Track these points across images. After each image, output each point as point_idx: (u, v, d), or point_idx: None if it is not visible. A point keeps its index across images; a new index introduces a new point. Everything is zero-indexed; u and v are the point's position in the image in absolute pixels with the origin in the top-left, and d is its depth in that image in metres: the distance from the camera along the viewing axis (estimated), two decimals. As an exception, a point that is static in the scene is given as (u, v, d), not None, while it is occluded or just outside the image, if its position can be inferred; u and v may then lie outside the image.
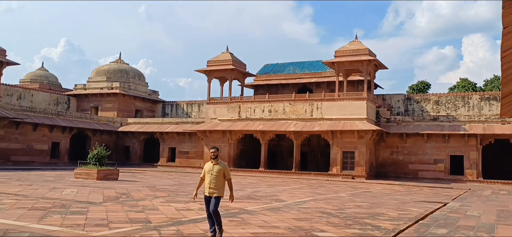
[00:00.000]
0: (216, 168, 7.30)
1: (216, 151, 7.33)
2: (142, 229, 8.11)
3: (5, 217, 8.79)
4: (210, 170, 7.31)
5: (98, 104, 43.06)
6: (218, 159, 7.39)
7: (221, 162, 7.35)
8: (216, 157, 7.34)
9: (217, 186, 7.22)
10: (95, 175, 20.64)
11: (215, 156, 7.34)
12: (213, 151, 7.32)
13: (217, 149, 7.38)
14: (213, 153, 7.33)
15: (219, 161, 7.37)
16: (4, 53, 31.51)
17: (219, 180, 7.25)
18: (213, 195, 7.18)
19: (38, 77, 48.04)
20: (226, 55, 36.21)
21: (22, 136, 32.76)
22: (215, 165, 7.32)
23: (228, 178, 7.34)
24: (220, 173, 7.27)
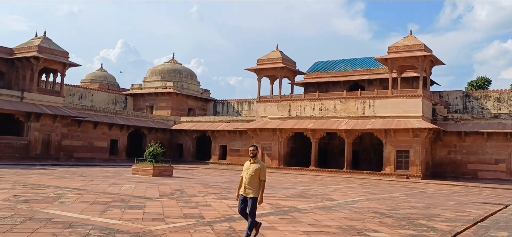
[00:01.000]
0: (253, 167, 7.03)
1: (255, 149, 7.08)
2: (196, 224, 8.36)
3: (70, 211, 9.38)
4: (247, 169, 7.07)
5: (153, 103, 44.61)
6: (257, 158, 7.11)
7: (259, 162, 7.07)
8: (255, 155, 7.06)
9: (252, 186, 6.95)
10: (151, 171, 21.43)
11: (253, 155, 7.06)
12: (251, 149, 7.09)
13: (256, 147, 7.16)
14: (251, 152, 7.09)
15: (257, 160, 7.09)
16: (67, 55, 33.40)
17: (255, 180, 6.96)
18: (248, 196, 6.93)
19: (98, 77, 50.54)
20: (276, 53, 36.29)
21: (84, 133, 34.62)
22: (252, 164, 7.06)
23: (262, 179, 6.99)
24: (256, 172, 6.97)
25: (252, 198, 6.91)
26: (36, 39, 32.42)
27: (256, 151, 7.09)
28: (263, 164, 7.08)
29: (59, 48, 32.85)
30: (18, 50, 31.88)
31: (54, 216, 8.57)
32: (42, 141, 30.99)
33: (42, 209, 9.35)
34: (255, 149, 7.10)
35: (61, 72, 33.15)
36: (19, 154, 29.48)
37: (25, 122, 30.22)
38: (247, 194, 6.95)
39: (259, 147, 34.74)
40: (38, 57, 30.62)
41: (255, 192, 6.94)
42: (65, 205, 10.25)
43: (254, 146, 7.13)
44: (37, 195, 11.81)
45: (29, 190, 13.06)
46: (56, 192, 12.69)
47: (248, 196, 6.93)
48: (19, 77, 31.65)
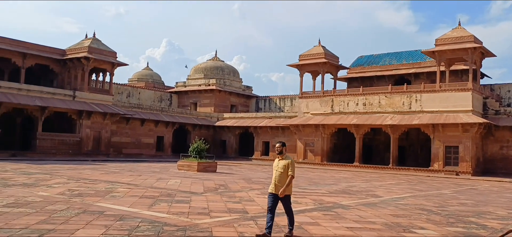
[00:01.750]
0: (281, 163, 6.81)
1: (281, 146, 6.87)
2: (240, 218, 8.51)
3: (120, 204, 9.79)
4: (276, 166, 6.86)
5: (197, 100, 45.47)
6: (284, 154, 6.89)
7: (287, 157, 6.87)
8: (281, 152, 6.85)
9: (282, 183, 6.71)
10: (196, 167, 21.91)
11: (279, 152, 6.86)
12: (277, 146, 6.89)
13: (283, 144, 6.93)
14: (277, 148, 6.89)
15: (286, 155, 6.89)
16: (115, 55, 34.67)
17: (284, 176, 6.73)
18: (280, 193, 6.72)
19: (144, 76, 52.12)
20: (318, 48, 35.97)
21: (132, 130, 35.84)
22: (280, 160, 6.85)
23: (290, 174, 6.72)
24: (285, 168, 6.75)
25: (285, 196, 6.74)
26: (86, 40, 33.86)
27: (281, 148, 6.87)
28: (292, 160, 6.88)
29: (108, 49, 34.15)
30: (70, 51, 33.43)
31: (106, 209, 8.99)
32: (93, 137, 32.38)
33: (95, 203, 9.82)
34: (280, 145, 6.88)
35: (109, 71, 34.46)
36: (72, 150, 30.96)
37: (77, 119, 31.69)
38: (278, 191, 6.73)
39: (301, 142, 34.67)
40: (88, 57, 31.97)
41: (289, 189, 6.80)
42: (115, 198, 10.70)
43: (280, 143, 6.91)
44: (90, 189, 12.39)
45: (82, 184, 13.73)
46: (107, 187, 13.27)
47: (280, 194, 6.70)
48: (71, 77, 33.19)
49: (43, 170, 18.61)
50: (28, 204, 9.16)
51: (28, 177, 15.36)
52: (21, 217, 7.59)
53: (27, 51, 30.89)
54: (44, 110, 29.33)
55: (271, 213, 6.70)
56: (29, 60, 31.18)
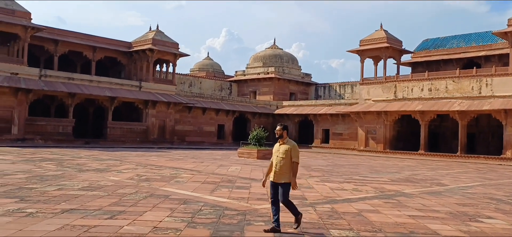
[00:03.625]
0: (282, 148, 6.11)
1: (281, 129, 6.14)
2: (298, 205, 8.52)
3: (184, 189, 10.23)
4: (277, 152, 6.16)
5: (256, 89, 45.88)
6: (285, 138, 6.16)
7: (290, 141, 6.15)
8: (281, 136, 6.15)
9: (283, 170, 6.05)
10: (256, 154, 22.25)
11: (279, 135, 6.17)
12: (278, 129, 6.17)
13: (284, 126, 6.19)
14: (277, 132, 6.18)
15: (287, 140, 6.16)
16: (177, 46, 35.83)
17: (286, 162, 6.04)
18: (280, 181, 6.05)
19: (205, 66, 53.38)
20: (380, 32, 34.87)
21: (194, 119, 36.99)
22: (281, 145, 6.15)
23: (294, 161, 6.06)
24: (286, 154, 6.05)
25: (284, 183, 6.04)
26: (150, 32, 35.27)
27: (282, 131, 6.15)
28: (295, 144, 6.17)
29: (170, 40, 35.35)
30: (135, 43, 35.00)
31: (171, 193, 9.43)
32: (158, 126, 33.82)
33: (161, 187, 10.33)
34: (281, 128, 6.16)
35: (172, 62, 35.70)
36: (139, 138, 32.55)
37: (143, 109, 33.22)
38: (278, 180, 6.07)
39: (363, 130, 33.94)
40: (153, 49, 33.31)
41: (288, 177, 6.07)
42: (180, 184, 11.18)
43: (280, 125, 6.18)
44: (156, 175, 13.03)
45: (149, 170, 14.46)
46: (171, 173, 13.88)
47: (280, 182, 6.05)
48: (137, 68, 34.79)
49: (114, 157, 19.78)
50: (101, 187, 9.83)
51: (100, 163, 16.42)
52: (95, 200, 8.17)
53: (97, 45, 32.79)
54: (113, 100, 31.03)
55: (275, 205, 6.13)
56: (99, 53, 33.07)
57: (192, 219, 6.78)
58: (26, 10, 27.98)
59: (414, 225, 7.06)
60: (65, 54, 31.74)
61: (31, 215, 6.59)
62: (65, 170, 13.31)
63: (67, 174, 12.25)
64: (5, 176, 11.10)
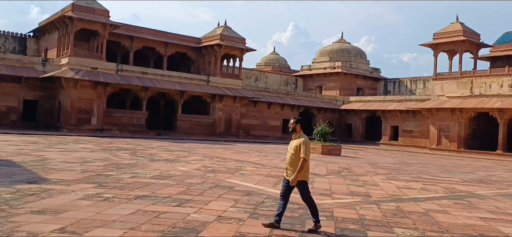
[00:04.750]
0: (294, 143, 5.83)
1: (295, 122, 5.83)
2: (362, 202, 8.47)
3: (248, 181, 10.48)
4: (289, 146, 5.94)
5: (322, 84, 45.41)
6: (299, 132, 5.84)
7: (301, 135, 5.82)
8: (294, 130, 5.85)
9: (294, 167, 5.77)
10: (320, 150, 22.11)
11: (292, 129, 5.87)
12: (291, 122, 5.88)
13: (297, 120, 5.86)
14: (290, 125, 5.89)
15: (299, 134, 5.83)
16: (244, 42, 36.41)
17: (295, 159, 5.75)
18: (289, 178, 5.81)
19: (271, 60, 53.73)
20: (456, 25, 33.00)
21: (259, 113, 37.46)
22: (293, 140, 5.89)
23: (302, 156, 5.67)
24: (296, 150, 5.75)
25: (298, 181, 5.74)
26: (218, 28, 36.16)
27: (295, 125, 5.83)
28: (306, 139, 5.77)
29: (237, 35, 36.00)
30: (204, 39, 36.08)
31: (235, 185, 9.71)
32: (225, 119, 34.68)
33: (225, 179, 10.66)
34: (294, 122, 5.85)
35: (239, 57, 36.36)
36: (207, 131, 33.60)
37: (210, 102, 34.22)
38: (289, 176, 5.80)
39: (435, 127, 32.43)
40: (220, 44, 34.14)
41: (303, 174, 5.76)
42: (244, 176, 11.47)
43: (294, 118, 5.89)
44: (221, 167, 13.45)
45: (215, 162, 14.94)
46: (236, 165, 14.24)
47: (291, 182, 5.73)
48: (206, 63, 35.86)
49: (182, 148, 20.64)
50: (170, 177, 10.35)
51: (170, 153, 17.23)
52: (164, 188, 8.65)
53: (169, 41, 34.25)
54: (183, 94, 32.28)
55: (283, 200, 5.86)
56: (170, 49, 34.52)
57: (254, 211, 6.96)
58: (105, 8, 29.88)
59: (485, 227, 6.72)
60: (139, 49, 33.50)
61: (107, 200, 7.13)
62: (138, 159, 14.14)
63: (140, 163, 13.01)
64: (86, 163, 12.03)
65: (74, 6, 28.44)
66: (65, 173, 9.81)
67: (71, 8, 28.39)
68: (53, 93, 28.78)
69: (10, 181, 8.34)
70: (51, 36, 31.95)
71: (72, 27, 28.20)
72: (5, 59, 27.69)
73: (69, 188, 7.98)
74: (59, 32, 29.96)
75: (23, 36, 34.22)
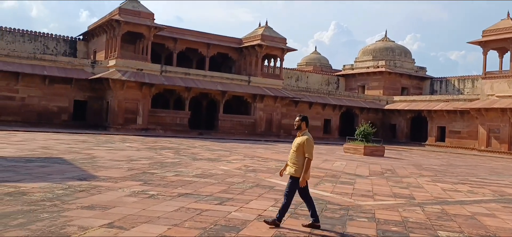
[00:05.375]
0: (296, 141, 5.90)
1: (300, 120, 5.89)
2: (405, 204, 8.30)
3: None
4: (293, 144, 6.01)
5: (365, 83, 44.61)
6: (303, 130, 5.89)
7: (305, 133, 5.86)
8: (299, 127, 5.91)
9: (294, 164, 5.85)
10: (362, 150, 21.76)
11: (297, 127, 5.93)
12: (296, 120, 5.95)
13: (303, 118, 5.93)
14: (295, 123, 5.95)
15: (303, 132, 5.89)
16: (285, 41, 36.39)
17: (298, 156, 5.81)
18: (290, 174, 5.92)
19: (312, 60, 53.37)
20: (507, 22, 31.48)
21: (300, 113, 37.21)
22: (297, 137, 5.97)
23: (306, 156, 5.74)
24: (298, 147, 5.80)
25: (291, 177, 5.88)
26: (259, 28, 36.34)
27: (300, 122, 5.91)
28: (309, 137, 5.83)
29: (278, 35, 36.03)
30: (245, 39, 36.37)
31: (275, 184, 9.77)
32: (266, 119, 34.81)
33: (266, 178, 10.74)
34: (299, 119, 5.93)
35: (280, 57, 36.37)
36: (248, 131, 33.85)
37: (251, 102, 34.45)
38: (290, 173, 5.93)
39: (484, 128, 31.13)
40: (261, 44, 34.30)
41: (297, 171, 5.82)
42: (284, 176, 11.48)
43: (299, 116, 5.98)
44: (262, 166, 13.54)
45: (256, 161, 15.06)
46: (277, 165, 14.29)
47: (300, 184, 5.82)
48: (247, 63, 36.13)
49: (224, 148, 20.92)
50: (212, 175, 10.55)
51: (211, 153, 17.52)
52: (206, 186, 8.84)
53: (211, 42, 34.79)
54: (224, 94, 32.70)
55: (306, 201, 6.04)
56: (212, 50, 35.06)
57: (295, 210, 6.99)
58: (150, 11, 30.76)
59: (537, 234, 6.41)
60: (182, 51, 34.24)
61: (152, 197, 7.39)
62: (181, 158, 14.49)
63: (183, 162, 13.33)
64: (132, 161, 12.48)
65: (121, 9, 29.48)
66: (112, 171, 10.22)
67: (118, 11, 29.45)
68: (101, 94, 29.97)
69: (62, 177, 8.80)
70: (99, 38, 33.29)
71: (119, 30, 29.24)
72: (57, 61, 29.14)
73: (116, 185, 8.32)
74: (107, 35, 31.16)
75: (74, 39, 35.84)
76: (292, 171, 5.89)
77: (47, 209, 6.03)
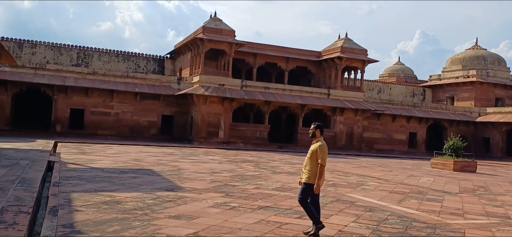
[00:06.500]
0: (311, 148, 6.04)
1: (314, 128, 6.05)
2: (499, 223, 7.68)
3: (370, 197, 10.21)
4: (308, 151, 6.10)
5: (454, 94, 42.01)
6: (318, 138, 6.04)
7: (319, 141, 5.98)
8: (313, 135, 6.06)
9: (307, 170, 5.97)
10: (451, 166, 20.49)
11: (312, 135, 6.08)
12: (311, 128, 6.11)
13: (317, 125, 6.08)
14: (310, 131, 6.12)
15: (317, 139, 6.02)
16: (365, 53, 35.53)
17: (311, 163, 5.94)
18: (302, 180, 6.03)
19: (395, 71, 51.43)
20: None
21: (383, 126, 36.07)
22: (312, 145, 6.08)
23: (320, 162, 5.86)
24: (312, 154, 5.94)
25: (304, 183, 5.95)
26: (339, 41, 35.91)
27: (315, 130, 6.05)
28: (323, 144, 5.92)
29: (359, 47, 35.31)
30: (324, 52, 36.12)
31: (356, 200, 9.55)
32: (346, 133, 34.12)
33: (347, 193, 10.54)
34: (314, 127, 6.07)
35: (360, 69, 35.58)
36: (328, 144, 33.38)
37: (331, 116, 34.01)
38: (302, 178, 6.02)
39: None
40: (341, 57, 33.84)
41: (310, 177, 5.90)
42: (366, 191, 11.20)
43: (314, 124, 6.11)
44: (343, 181, 13.30)
45: (336, 176, 14.83)
46: (358, 180, 13.95)
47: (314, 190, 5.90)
48: (326, 76, 35.83)
49: (303, 161, 20.82)
50: (291, 189, 10.59)
51: (291, 166, 17.58)
52: (286, 200, 8.90)
53: (290, 56, 35.07)
54: (303, 107, 32.67)
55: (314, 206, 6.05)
56: (291, 64, 35.29)
57: (377, 227, 6.79)
58: (231, 28, 31.84)
59: None
60: (262, 65, 34.90)
61: (234, 209, 7.61)
62: (261, 171, 14.73)
63: (263, 175, 13.54)
64: (214, 174, 12.94)
65: (204, 28, 30.90)
66: (196, 182, 10.69)
67: (202, 30, 30.88)
68: (186, 109, 31.50)
69: (152, 188, 9.39)
70: (184, 56, 35.13)
71: (202, 47, 30.62)
72: (147, 79, 31.22)
73: (200, 196, 8.70)
74: (191, 53, 32.77)
75: (161, 58, 38.19)
76: (306, 177, 6.00)
77: (139, 217, 6.48)
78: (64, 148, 19.52)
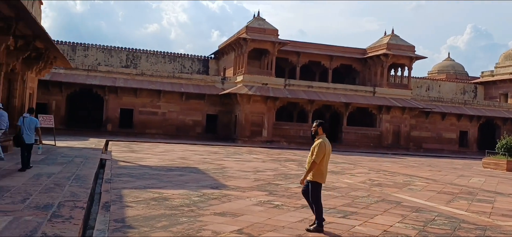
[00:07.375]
0: (313, 145, 6.14)
1: (316, 126, 6.15)
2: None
3: (417, 197, 9.97)
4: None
5: (508, 91, 39.97)
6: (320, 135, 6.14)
7: (320, 138, 6.10)
8: (315, 133, 6.17)
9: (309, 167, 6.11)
10: (505, 165, 19.58)
11: (314, 132, 6.20)
12: (313, 126, 6.22)
13: (319, 123, 6.17)
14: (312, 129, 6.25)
15: (319, 137, 6.13)
16: (413, 49, 34.51)
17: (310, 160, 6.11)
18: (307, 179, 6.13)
19: (444, 67, 49.57)
20: None
21: (431, 125, 34.91)
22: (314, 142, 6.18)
23: (313, 158, 6.00)
24: (312, 152, 6.08)
25: (309, 181, 6.10)
26: (384, 37, 35.10)
27: (316, 128, 6.17)
28: (322, 141, 6.05)
29: (406, 43, 34.36)
30: (370, 49, 35.42)
31: (403, 200, 9.36)
32: (392, 131, 33.31)
33: (392, 193, 10.35)
34: (316, 126, 6.18)
35: (407, 66, 34.61)
36: (373, 143, 32.77)
37: (377, 114, 33.32)
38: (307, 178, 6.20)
39: None
40: (387, 54, 33.06)
41: (315, 175, 6.06)
42: (413, 191, 10.94)
43: (316, 122, 6.22)
44: (388, 181, 13.05)
45: (382, 175, 14.56)
46: (405, 179, 13.63)
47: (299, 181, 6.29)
48: (371, 74, 35.13)
49: (348, 160, 20.62)
50: (335, 189, 10.53)
51: (335, 165, 17.43)
52: (329, 199, 8.87)
53: (333, 54, 34.67)
54: (348, 106, 32.21)
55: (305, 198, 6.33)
56: (335, 62, 34.88)
57: (423, 228, 6.65)
58: (274, 27, 31.91)
59: None
60: (305, 64, 34.73)
61: (277, 207, 7.69)
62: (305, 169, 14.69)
63: (307, 174, 13.51)
64: (258, 172, 13.08)
65: (248, 28, 31.16)
66: (240, 181, 10.86)
67: (245, 30, 31.16)
68: (230, 108, 31.91)
69: (197, 186, 9.64)
70: (228, 56, 35.58)
71: (246, 47, 30.89)
72: (192, 79, 31.91)
73: (244, 194, 8.84)
74: (235, 53, 33.15)
75: (206, 58, 38.88)
76: (309, 175, 6.16)
77: (185, 214, 6.70)
78: (114, 146, 20.36)
